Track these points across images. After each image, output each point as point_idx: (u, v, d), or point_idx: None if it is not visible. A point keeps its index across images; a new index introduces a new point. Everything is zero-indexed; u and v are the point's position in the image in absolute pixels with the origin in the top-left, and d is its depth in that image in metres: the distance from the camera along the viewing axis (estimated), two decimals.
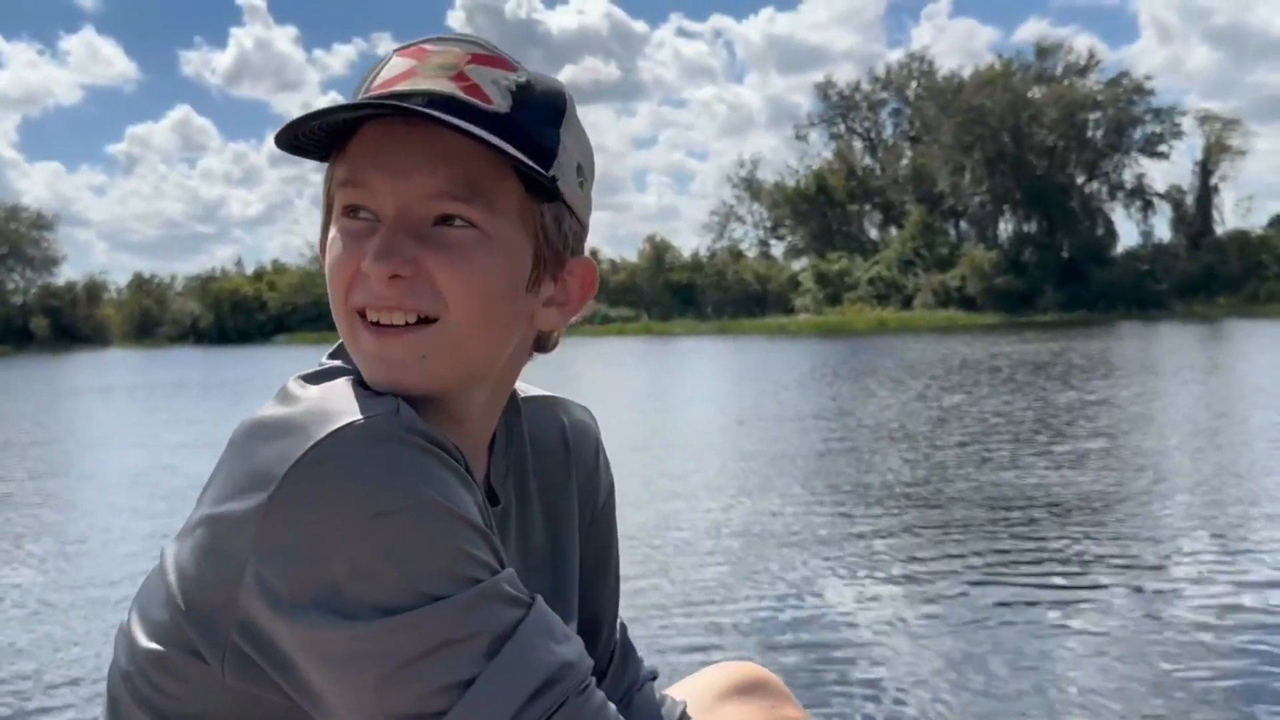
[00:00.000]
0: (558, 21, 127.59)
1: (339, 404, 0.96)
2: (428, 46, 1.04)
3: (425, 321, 1.01)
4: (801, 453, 10.29)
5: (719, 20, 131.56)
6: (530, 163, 1.00)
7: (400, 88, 1.01)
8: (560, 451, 1.25)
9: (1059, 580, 5.35)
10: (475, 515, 0.94)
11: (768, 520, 7.04)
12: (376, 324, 1.01)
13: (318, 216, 1.10)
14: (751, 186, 74.27)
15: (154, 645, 0.99)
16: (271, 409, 0.98)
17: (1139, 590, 5.10)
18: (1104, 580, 5.30)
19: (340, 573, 0.89)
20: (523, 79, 1.03)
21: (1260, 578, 5.24)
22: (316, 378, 1.03)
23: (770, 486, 8.36)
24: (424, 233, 1.00)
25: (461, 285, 1.00)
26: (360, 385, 1.01)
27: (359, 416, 0.94)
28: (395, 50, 1.06)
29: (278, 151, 1.03)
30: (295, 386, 1.01)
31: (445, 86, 1.00)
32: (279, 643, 0.92)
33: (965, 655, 4.26)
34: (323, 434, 0.92)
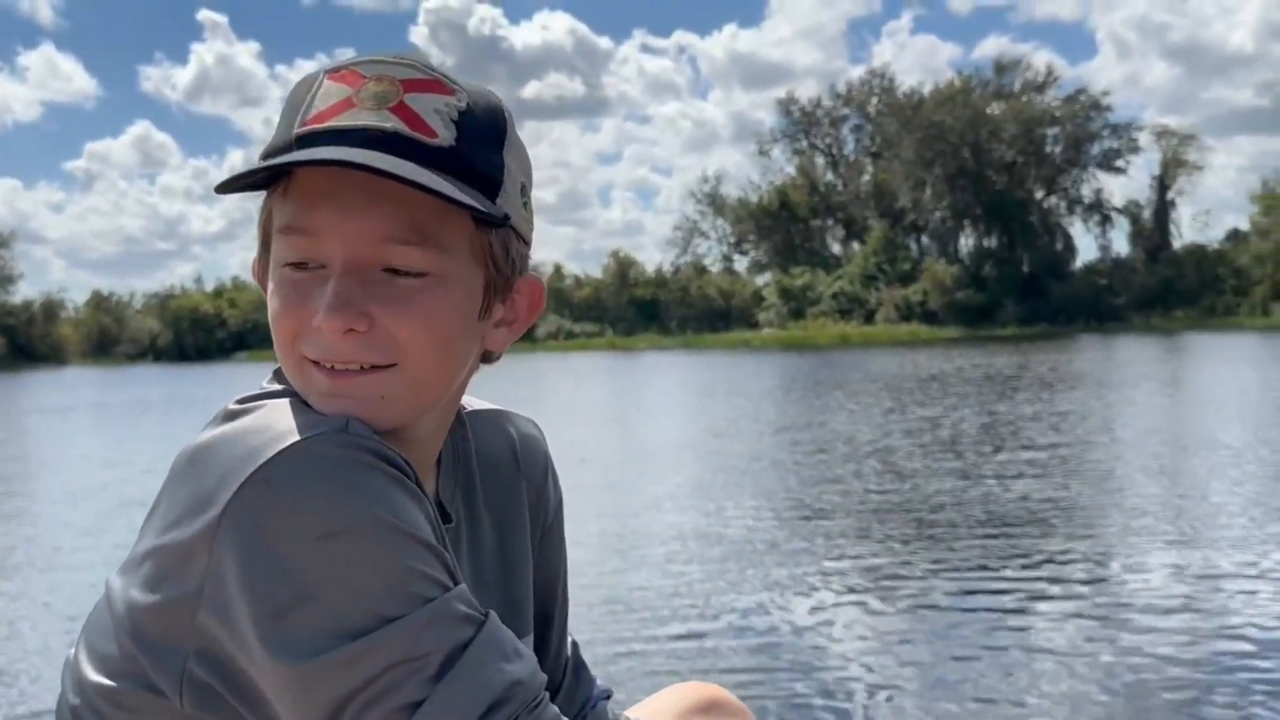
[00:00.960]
0: (522, 38, 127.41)
1: (284, 422, 0.93)
2: (360, 70, 0.99)
3: (381, 366, 0.99)
4: (767, 465, 10.31)
5: (683, 36, 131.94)
6: (480, 207, 0.98)
7: (337, 122, 0.97)
8: (510, 466, 1.23)
9: (1020, 589, 5.37)
10: (426, 531, 0.92)
11: (728, 532, 7.04)
12: (331, 368, 0.98)
13: None
14: (715, 202, 74.56)
15: (104, 680, 0.96)
16: (212, 432, 0.96)
17: (1100, 597, 5.13)
18: (1066, 587, 5.34)
19: (292, 596, 0.88)
20: (463, 104, 1.00)
21: (1219, 582, 5.30)
22: (257, 399, 1.00)
23: (733, 498, 8.36)
24: (375, 280, 0.97)
25: (419, 334, 0.98)
26: (305, 404, 0.98)
27: (305, 434, 0.92)
28: (325, 73, 1.01)
29: (237, 169, 0.99)
30: (236, 408, 0.98)
31: (387, 121, 0.96)
32: (237, 666, 0.91)
33: (924, 669, 4.27)
34: (269, 454, 0.90)
